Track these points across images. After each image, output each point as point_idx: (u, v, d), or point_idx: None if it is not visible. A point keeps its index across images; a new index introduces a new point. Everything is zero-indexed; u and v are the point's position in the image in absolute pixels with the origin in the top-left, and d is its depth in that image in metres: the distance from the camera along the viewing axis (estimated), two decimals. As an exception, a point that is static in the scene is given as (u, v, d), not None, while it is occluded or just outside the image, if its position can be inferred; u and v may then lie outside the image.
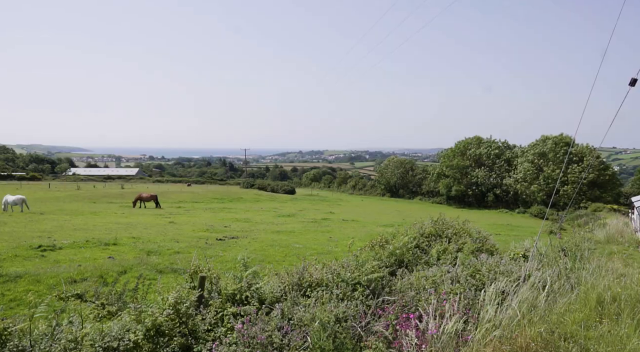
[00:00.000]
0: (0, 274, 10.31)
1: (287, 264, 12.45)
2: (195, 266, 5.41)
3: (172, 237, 17.67)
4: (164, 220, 25.61)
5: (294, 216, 32.33)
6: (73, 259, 12.46)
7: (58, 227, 19.96)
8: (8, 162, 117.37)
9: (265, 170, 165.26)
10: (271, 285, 5.71)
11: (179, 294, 4.62)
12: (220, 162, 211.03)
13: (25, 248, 13.61)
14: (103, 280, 10.22)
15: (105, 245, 14.84)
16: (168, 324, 4.34)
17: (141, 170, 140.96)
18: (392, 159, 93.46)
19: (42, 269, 10.93)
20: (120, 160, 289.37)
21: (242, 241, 17.38)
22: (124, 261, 12.20)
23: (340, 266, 6.50)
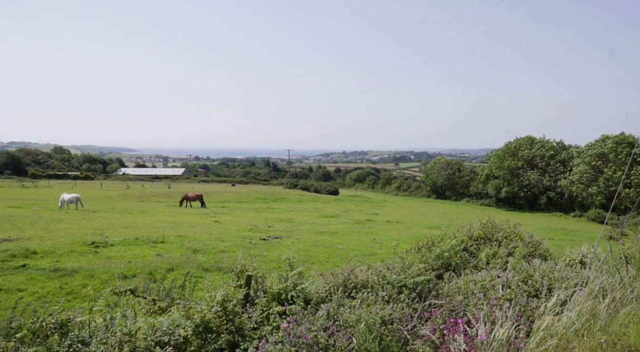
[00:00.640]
0: (59, 268, 10.86)
1: (331, 265, 12.44)
2: (241, 265, 5.48)
3: (217, 236, 18.05)
4: (209, 219, 26.23)
5: (337, 217, 32.32)
6: (124, 255, 12.96)
7: (109, 224, 20.84)
8: (64, 162, 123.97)
9: (309, 171, 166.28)
10: (316, 285, 5.69)
11: (226, 292, 4.69)
12: (264, 162, 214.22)
13: (80, 244, 14.28)
14: (152, 276, 10.56)
15: (154, 243, 15.34)
16: (216, 321, 4.41)
17: (187, 171, 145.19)
18: (438, 160, 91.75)
19: (96, 265, 11.42)
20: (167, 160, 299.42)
21: (286, 241, 17.53)
22: (171, 259, 12.57)
23: (385, 268, 6.41)
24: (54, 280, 9.99)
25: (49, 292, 9.21)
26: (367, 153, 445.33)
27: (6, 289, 9.09)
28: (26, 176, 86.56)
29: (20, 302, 6.87)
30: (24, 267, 10.83)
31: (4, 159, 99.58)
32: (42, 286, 9.54)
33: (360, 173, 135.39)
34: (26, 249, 12.62)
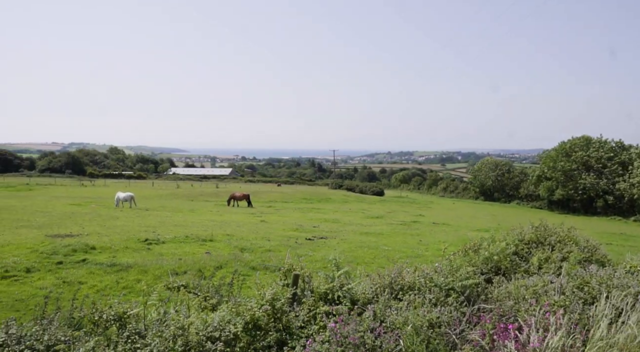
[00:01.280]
0: (115, 263, 11.41)
1: (376, 266, 12.38)
2: (289, 264, 5.56)
3: (264, 235, 18.35)
4: (256, 219, 26.71)
5: (382, 218, 32.09)
6: (174, 252, 13.43)
7: (161, 222, 21.64)
8: (119, 162, 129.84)
9: (354, 171, 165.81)
10: (363, 286, 5.70)
11: (275, 290, 4.78)
12: (309, 162, 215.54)
13: (134, 241, 14.92)
14: (201, 273, 10.88)
15: (203, 241, 15.79)
16: (264, 319, 4.51)
17: (234, 171, 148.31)
18: (486, 160, 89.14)
19: (149, 261, 11.90)
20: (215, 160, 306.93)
21: (331, 241, 17.59)
22: (219, 257, 12.91)
23: (432, 271, 6.32)
24: (111, 274, 10.51)
25: (106, 285, 9.69)
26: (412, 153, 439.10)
27: (69, 282, 9.66)
28: (84, 175, 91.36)
29: (79, 293, 7.27)
30: (84, 262, 11.45)
31: (65, 159, 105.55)
32: (100, 280, 10.06)
33: (406, 174, 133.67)
34: (86, 245, 13.34)
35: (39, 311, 5.71)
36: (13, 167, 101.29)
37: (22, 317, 7.03)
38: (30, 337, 3.61)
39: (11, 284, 9.35)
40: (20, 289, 9.09)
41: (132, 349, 3.87)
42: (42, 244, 13.40)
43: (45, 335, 3.63)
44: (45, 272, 10.41)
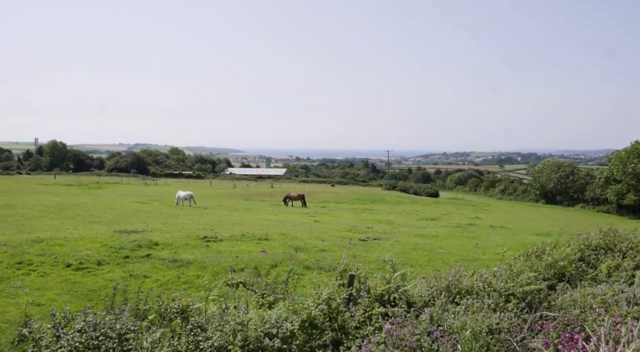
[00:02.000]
0: (176, 259, 11.93)
1: (431, 268, 12.16)
2: (344, 264, 5.59)
3: (318, 235, 18.50)
4: (310, 219, 26.96)
5: (437, 220, 31.42)
6: (232, 250, 13.83)
7: (218, 221, 22.34)
8: (179, 162, 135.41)
9: (408, 172, 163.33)
10: (419, 288, 5.63)
11: (331, 290, 4.83)
12: (363, 163, 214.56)
13: (194, 238, 15.51)
14: (257, 271, 11.15)
15: (259, 240, 16.15)
16: (320, 318, 4.56)
17: (288, 171, 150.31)
18: (548, 162, 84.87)
19: (207, 258, 12.34)
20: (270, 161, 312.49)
21: (385, 242, 17.45)
22: (275, 255, 13.16)
23: (491, 275, 6.13)
24: (173, 269, 11.00)
25: (168, 280, 10.16)
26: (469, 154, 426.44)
27: (135, 275, 10.21)
28: (148, 174, 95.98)
29: (144, 286, 7.66)
30: (148, 257, 12.05)
31: (130, 159, 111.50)
32: (162, 274, 10.56)
33: (462, 175, 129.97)
34: (150, 241, 14.03)
35: (109, 302, 6.09)
36: (85, 166, 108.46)
37: (95, 306, 7.51)
38: (104, 325, 3.87)
39: (85, 275, 10.03)
40: (92, 280, 9.73)
41: (195, 342, 4.05)
42: (111, 239, 14.23)
43: (118, 324, 3.89)
44: (114, 265, 11.06)
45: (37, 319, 5.55)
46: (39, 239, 13.56)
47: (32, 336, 3.73)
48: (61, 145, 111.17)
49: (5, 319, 7.10)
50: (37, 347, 3.54)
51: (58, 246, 12.62)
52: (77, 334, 3.65)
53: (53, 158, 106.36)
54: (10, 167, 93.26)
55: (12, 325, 6.61)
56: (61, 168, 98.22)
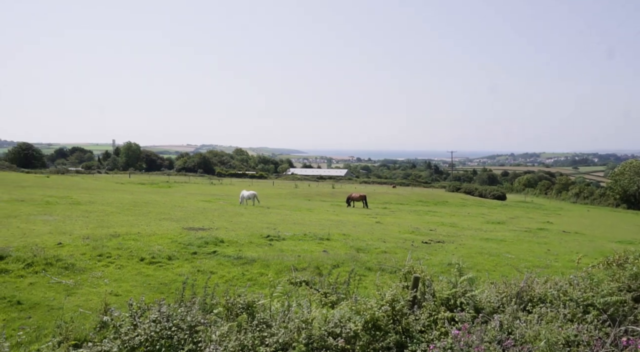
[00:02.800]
0: (241, 256, 12.27)
1: (498, 274, 11.67)
2: (409, 266, 5.48)
3: (379, 236, 18.33)
4: (371, 220, 26.77)
5: (504, 224, 30.12)
6: (294, 249, 14.02)
7: (281, 220, 22.74)
8: (243, 162, 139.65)
9: (472, 174, 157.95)
10: (487, 294, 5.40)
11: (395, 292, 4.75)
12: (425, 164, 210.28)
13: (258, 236, 15.87)
14: (319, 271, 11.22)
15: (320, 239, 16.25)
16: (384, 320, 4.50)
17: (349, 171, 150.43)
18: (630, 163, 78.64)
19: (270, 256, 12.58)
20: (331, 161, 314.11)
21: (449, 245, 16.97)
22: (336, 256, 13.18)
23: (567, 283, 5.76)
24: (237, 266, 11.32)
25: (233, 276, 10.47)
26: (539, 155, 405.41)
27: (202, 271, 10.62)
28: (213, 174, 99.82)
29: (210, 281, 7.94)
30: (214, 253, 12.50)
31: (198, 160, 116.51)
32: (228, 271, 10.89)
33: (531, 177, 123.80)
34: (216, 238, 14.54)
35: (179, 295, 6.36)
36: (156, 166, 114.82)
37: (166, 298, 7.89)
38: (176, 316, 4.05)
39: (157, 269, 10.57)
40: (163, 274, 10.23)
41: (260, 337, 4.13)
42: (180, 235, 14.90)
43: (189, 316, 4.05)
44: (183, 260, 11.56)
45: (115, 308, 5.92)
46: (116, 233, 14.47)
47: (113, 323, 3.98)
48: (135, 146, 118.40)
49: (88, 307, 7.64)
50: (117, 333, 3.77)
51: (133, 241, 13.40)
52: (152, 323, 3.85)
53: (128, 158, 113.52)
54: (91, 167, 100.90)
55: (94, 312, 7.10)
56: (135, 168, 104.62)
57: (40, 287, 8.63)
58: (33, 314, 7.29)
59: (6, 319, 6.95)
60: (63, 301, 7.93)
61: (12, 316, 7.15)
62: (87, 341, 5.43)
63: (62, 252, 11.28)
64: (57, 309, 7.47)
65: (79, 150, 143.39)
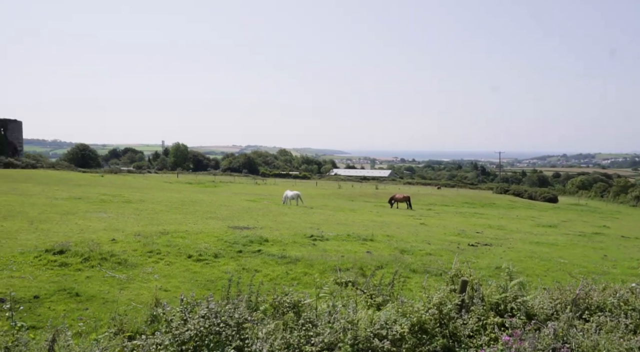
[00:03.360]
0: (285, 255, 12.38)
1: (550, 279, 11.21)
2: (456, 269, 5.35)
3: (424, 238, 18.03)
4: (415, 221, 26.38)
5: (556, 227, 28.89)
6: (337, 249, 14.00)
7: (324, 220, 22.78)
8: (286, 163, 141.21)
9: (522, 175, 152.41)
10: (539, 300, 5.18)
11: (442, 295, 4.65)
12: (471, 165, 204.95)
13: (301, 236, 15.97)
14: (362, 272, 11.15)
15: (363, 240, 16.15)
16: (431, 323, 4.42)
17: (393, 172, 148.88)
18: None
19: (314, 256, 12.62)
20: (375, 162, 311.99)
21: (496, 249, 16.46)
22: (380, 257, 13.07)
23: (628, 291, 5.44)
24: (282, 265, 11.43)
25: (277, 275, 10.58)
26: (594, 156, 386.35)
27: (247, 269, 10.80)
28: (258, 174, 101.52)
29: (255, 280, 8.06)
30: (259, 252, 12.68)
31: (242, 160, 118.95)
32: (272, 270, 11.02)
33: (585, 179, 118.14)
34: (260, 237, 14.76)
35: (225, 292, 6.50)
36: (203, 166, 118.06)
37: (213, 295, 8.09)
38: (223, 313, 4.14)
39: (204, 266, 10.85)
40: (210, 271, 10.49)
41: (306, 336, 4.15)
42: (226, 234, 15.22)
43: (236, 313, 4.13)
44: (229, 258, 11.81)
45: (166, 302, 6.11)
46: (165, 231, 14.97)
47: (164, 317, 4.11)
48: (183, 147, 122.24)
49: (139, 301, 7.94)
50: (169, 327, 3.89)
51: (181, 238, 13.81)
52: (201, 319, 3.95)
53: (176, 158, 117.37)
54: (142, 167, 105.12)
55: (145, 306, 7.37)
56: (183, 168, 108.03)
57: (96, 281, 9.05)
58: (90, 305, 7.65)
59: (66, 310, 7.34)
60: (117, 294, 8.29)
61: (71, 306, 7.54)
62: (140, 333, 5.65)
63: (115, 248, 11.79)
64: (111, 302, 7.82)
65: (130, 151, 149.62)
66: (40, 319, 6.81)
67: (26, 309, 7.12)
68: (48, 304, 7.57)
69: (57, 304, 7.60)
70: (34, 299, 7.66)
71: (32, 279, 8.74)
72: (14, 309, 3.92)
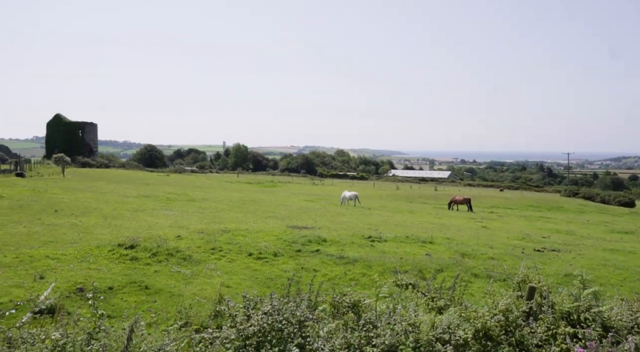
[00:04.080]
0: (343, 256, 12.40)
1: (627, 289, 10.51)
2: (523, 275, 5.13)
3: (486, 242, 17.43)
4: (477, 224, 25.55)
5: (633, 234, 26.90)
6: (396, 251, 13.84)
7: (382, 221, 22.59)
8: (344, 164, 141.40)
9: (593, 178, 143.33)
10: (617, 311, 4.85)
11: (508, 301, 4.47)
12: (537, 167, 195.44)
13: (359, 237, 15.93)
14: (422, 274, 10.96)
15: (423, 242, 15.85)
16: (496, 330, 4.26)
17: (453, 173, 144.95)
18: None
19: (372, 257, 12.55)
20: (434, 163, 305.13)
21: (565, 255, 15.59)
22: (440, 260, 12.77)
23: None
24: (340, 266, 11.46)
25: (336, 275, 10.63)
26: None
27: (306, 268, 10.93)
28: (315, 174, 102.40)
29: (314, 279, 8.13)
30: (317, 252, 12.79)
31: (300, 161, 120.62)
32: (330, 270, 11.08)
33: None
34: (319, 237, 14.88)
35: (284, 290, 6.60)
36: (262, 166, 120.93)
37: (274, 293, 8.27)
38: (285, 311, 4.22)
39: (264, 265, 11.10)
40: (269, 269, 10.72)
41: (367, 337, 4.14)
42: (285, 233, 15.48)
43: (298, 311, 4.20)
44: (288, 257, 12.00)
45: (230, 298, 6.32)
46: (226, 229, 15.46)
47: (229, 312, 4.25)
48: (243, 147, 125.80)
49: (203, 295, 8.27)
50: (233, 322, 4.02)
51: (241, 237, 14.21)
52: (264, 316, 4.05)
53: (237, 159, 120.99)
54: (204, 167, 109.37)
55: (209, 301, 7.65)
56: (243, 168, 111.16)
57: (163, 275, 9.51)
58: (158, 298, 8.06)
59: (137, 301, 7.78)
60: (182, 288, 8.67)
61: (141, 298, 7.98)
62: (204, 327, 5.88)
63: (180, 244, 12.33)
64: (177, 296, 8.19)
65: (194, 151, 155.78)
66: (114, 309, 7.26)
67: (102, 299, 7.62)
68: (121, 295, 8.05)
69: (128, 295, 8.07)
70: (109, 290, 8.18)
71: (106, 271, 9.34)
72: (95, 298, 4.20)
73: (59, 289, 7.85)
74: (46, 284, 8.12)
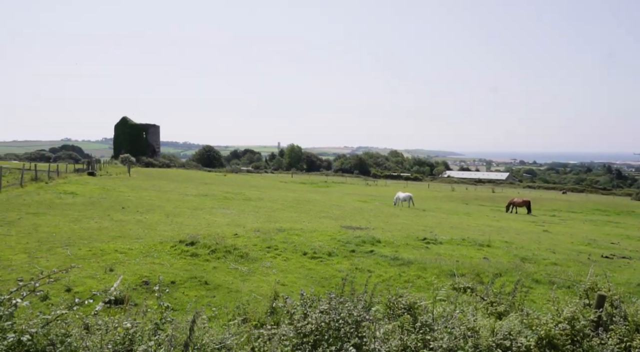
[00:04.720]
0: (397, 257, 12.27)
1: None
2: (591, 282, 4.87)
3: (548, 246, 16.65)
4: (537, 228, 24.45)
5: None
6: (452, 254, 13.51)
7: (437, 223, 22.13)
8: (398, 164, 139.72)
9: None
10: (699, 325, 4.50)
11: (575, 309, 4.26)
12: (604, 168, 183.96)
13: (414, 239, 15.69)
14: (479, 278, 10.64)
15: (480, 246, 15.38)
16: (561, 339, 4.07)
17: (511, 175, 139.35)
18: None
19: (427, 259, 12.33)
20: (491, 164, 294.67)
21: (637, 263, 14.59)
22: (498, 264, 12.34)
23: None
24: (394, 267, 11.35)
25: (390, 277, 10.53)
26: None
27: (360, 269, 10.92)
28: (369, 175, 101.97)
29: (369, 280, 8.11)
30: (371, 253, 12.74)
31: (354, 161, 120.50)
32: (385, 271, 11.00)
33: None
34: (372, 237, 14.81)
35: (339, 290, 6.65)
36: (315, 167, 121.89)
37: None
38: (342, 310, 4.25)
39: (318, 264, 11.21)
40: (324, 269, 10.80)
41: (423, 340, 4.09)
42: (339, 233, 15.54)
43: (355, 311, 4.22)
44: (342, 257, 12.04)
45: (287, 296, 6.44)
46: (282, 228, 15.74)
47: (286, 309, 4.35)
48: (297, 148, 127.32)
49: (259, 292, 8.47)
50: (291, 320, 4.11)
51: (296, 236, 14.41)
52: (320, 314, 4.10)
53: (291, 159, 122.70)
54: (259, 167, 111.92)
55: (265, 298, 7.83)
56: (297, 168, 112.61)
57: (221, 272, 9.83)
58: (216, 293, 8.35)
59: (197, 296, 8.10)
60: (239, 285, 8.93)
61: (201, 293, 8.30)
62: (261, 323, 6.03)
63: (237, 242, 12.69)
64: (234, 292, 8.44)
65: (249, 152, 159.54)
66: (177, 302, 7.60)
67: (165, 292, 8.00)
68: (182, 289, 8.41)
69: (189, 290, 8.42)
70: (171, 284, 8.56)
71: (169, 266, 9.78)
72: (161, 291, 4.44)
73: (127, 281, 8.33)
74: (115, 276, 8.64)
